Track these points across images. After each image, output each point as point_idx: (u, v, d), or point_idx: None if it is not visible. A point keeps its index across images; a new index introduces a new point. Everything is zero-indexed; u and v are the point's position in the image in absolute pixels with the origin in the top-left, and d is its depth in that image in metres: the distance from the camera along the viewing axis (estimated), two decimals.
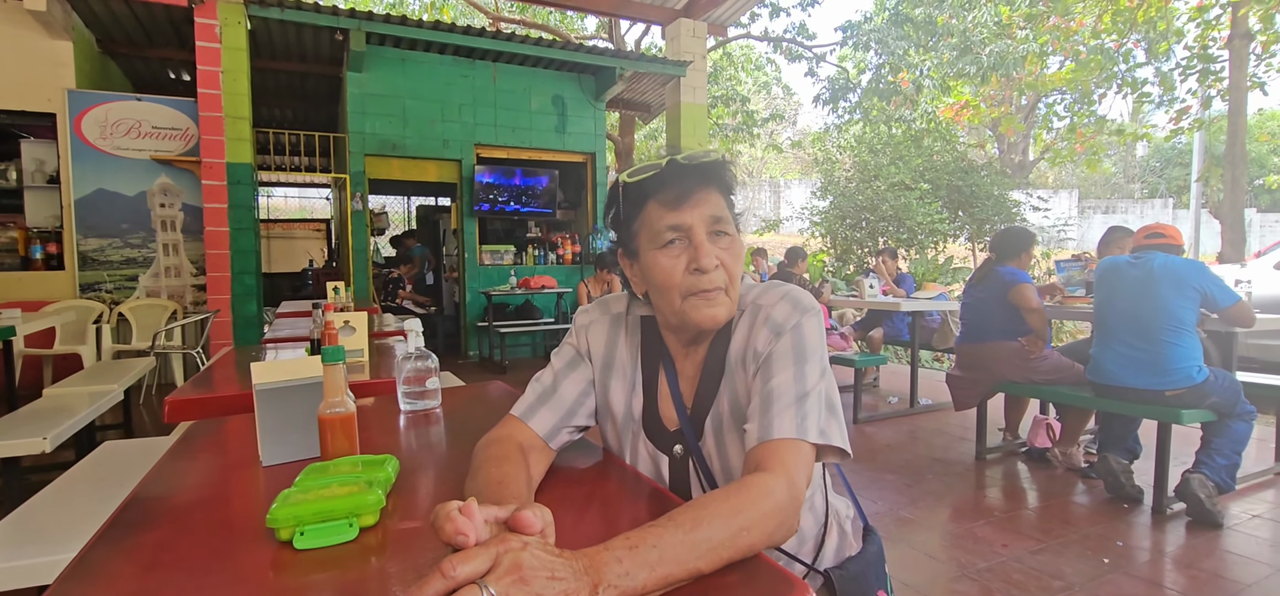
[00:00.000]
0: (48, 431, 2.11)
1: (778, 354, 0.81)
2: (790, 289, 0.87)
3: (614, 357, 0.96)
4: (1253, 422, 2.62)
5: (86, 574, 0.63)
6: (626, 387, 0.95)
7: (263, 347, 2.52)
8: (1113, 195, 21.70)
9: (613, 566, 0.54)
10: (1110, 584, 2.05)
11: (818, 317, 0.86)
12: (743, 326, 0.88)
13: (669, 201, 0.82)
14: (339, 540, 0.69)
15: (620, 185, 0.87)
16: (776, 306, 0.85)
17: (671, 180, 0.82)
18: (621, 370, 0.95)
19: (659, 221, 0.83)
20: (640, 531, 0.58)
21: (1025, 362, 3.10)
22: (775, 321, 0.84)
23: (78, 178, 5.23)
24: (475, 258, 7.02)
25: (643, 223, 0.86)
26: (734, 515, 0.63)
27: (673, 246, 0.83)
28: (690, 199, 0.82)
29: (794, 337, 0.82)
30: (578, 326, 0.99)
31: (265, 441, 0.98)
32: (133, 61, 6.35)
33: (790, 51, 14.95)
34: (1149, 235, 2.81)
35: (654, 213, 0.84)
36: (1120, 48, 11.94)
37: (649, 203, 0.84)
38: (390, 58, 6.38)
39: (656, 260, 0.84)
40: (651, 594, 0.56)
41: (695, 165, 0.83)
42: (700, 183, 0.83)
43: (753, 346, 0.85)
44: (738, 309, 0.89)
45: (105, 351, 4.95)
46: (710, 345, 0.90)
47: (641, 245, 0.87)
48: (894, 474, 3.12)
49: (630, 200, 0.87)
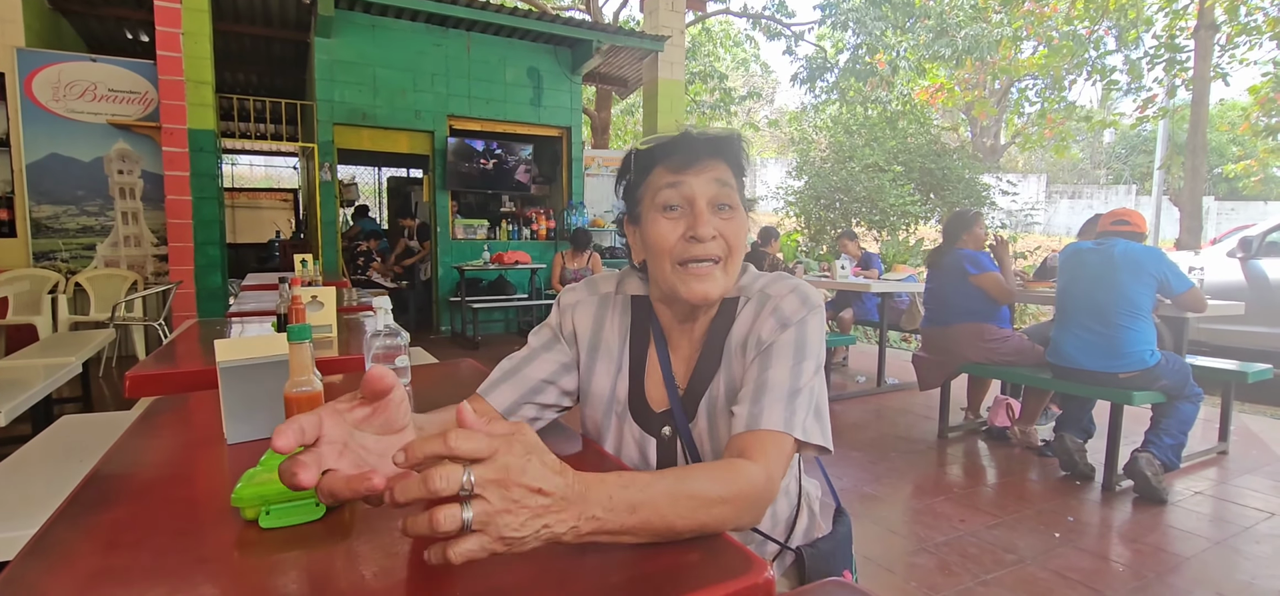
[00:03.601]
0: (2, 405, 2.04)
1: (780, 346, 0.82)
2: (799, 283, 0.88)
3: (600, 339, 0.95)
4: (1199, 404, 2.74)
5: (46, 552, 0.62)
6: (612, 369, 0.94)
7: (227, 321, 2.47)
8: (1079, 181, 22.21)
9: (602, 497, 0.56)
10: (1060, 556, 2.14)
11: (821, 316, 0.87)
12: (748, 312, 0.88)
13: (675, 166, 0.83)
14: (305, 519, 0.68)
15: (633, 153, 0.88)
16: (785, 298, 0.86)
17: (682, 146, 0.84)
18: (608, 351, 0.94)
19: (662, 181, 0.84)
20: (632, 474, 0.61)
21: (987, 344, 3.19)
22: (783, 313, 0.85)
23: (29, 141, 5.01)
24: (448, 231, 6.93)
25: (648, 186, 0.86)
26: (713, 486, 0.65)
27: (673, 211, 0.83)
28: (696, 165, 0.83)
29: (798, 333, 0.83)
30: (563, 306, 0.98)
31: (230, 419, 0.96)
32: (87, 20, 6.08)
33: (769, 29, 14.91)
34: (1114, 222, 2.89)
35: (659, 176, 0.84)
36: (1092, 34, 12.16)
37: (656, 166, 0.85)
38: (360, 23, 6.21)
39: (656, 222, 0.84)
40: (624, 535, 0.58)
41: (707, 136, 0.84)
42: (710, 153, 0.84)
43: (757, 333, 0.85)
44: (744, 297, 0.89)
45: (62, 322, 4.79)
46: (711, 324, 0.90)
47: (645, 208, 0.87)
48: (860, 451, 3.20)
49: (640, 166, 0.88)
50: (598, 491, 0.56)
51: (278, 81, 8.29)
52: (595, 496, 0.56)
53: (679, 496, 0.61)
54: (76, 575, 0.58)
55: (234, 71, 7.87)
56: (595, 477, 0.58)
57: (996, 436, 3.41)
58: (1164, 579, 2.01)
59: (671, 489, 0.61)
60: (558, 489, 0.53)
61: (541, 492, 0.51)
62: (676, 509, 0.61)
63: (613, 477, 0.59)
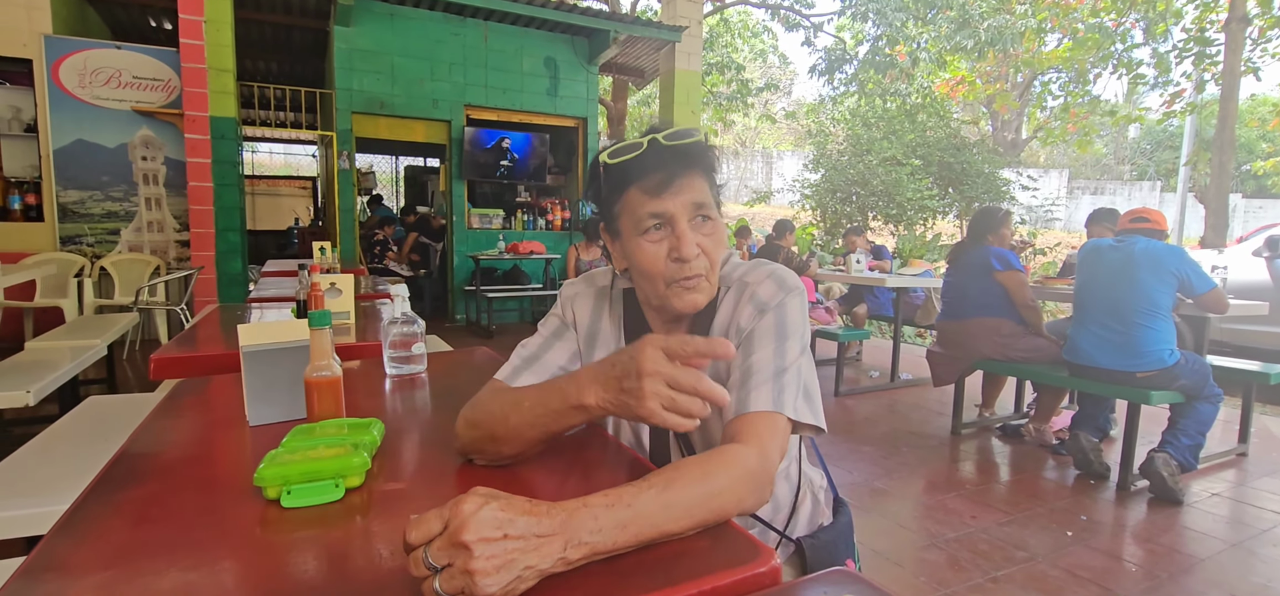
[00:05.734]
0: (31, 384, 2.11)
1: (760, 331, 0.84)
2: (775, 268, 0.89)
3: (598, 329, 0.98)
4: (1219, 405, 2.70)
5: (78, 526, 0.65)
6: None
7: (247, 307, 2.52)
8: (1102, 176, 21.82)
9: (587, 523, 0.56)
10: (1071, 555, 2.13)
11: (801, 297, 0.88)
12: (728, 302, 0.89)
13: (651, 188, 0.82)
14: (325, 500, 0.71)
15: (602, 165, 0.87)
16: (762, 285, 0.87)
17: (653, 165, 0.82)
18: (605, 342, 0.97)
19: (640, 208, 0.83)
20: (617, 490, 0.60)
21: (1003, 340, 3.16)
22: (760, 299, 0.86)
23: (56, 127, 5.11)
24: (464, 221, 6.97)
25: (624, 206, 0.85)
26: (704, 480, 0.65)
27: (654, 233, 0.83)
28: (672, 185, 0.82)
29: (777, 315, 0.84)
30: (564, 298, 1.01)
31: (252, 402, 0.99)
32: (112, 7, 6.17)
33: (788, 20, 14.75)
34: (1134, 219, 2.85)
35: (635, 199, 0.83)
36: (1118, 27, 11.91)
37: (631, 188, 0.84)
38: (378, 12, 6.24)
39: (640, 246, 0.84)
40: (621, 550, 0.58)
41: (677, 149, 0.82)
42: (683, 167, 0.82)
43: (737, 322, 0.87)
44: (724, 286, 0.91)
45: (87, 305, 4.90)
46: (693, 321, 0.92)
47: (624, 228, 0.87)
48: (871, 446, 3.19)
49: (612, 182, 0.86)
50: (581, 517, 0.56)
51: (297, 70, 8.37)
52: (580, 523, 0.55)
53: (670, 503, 0.61)
54: (108, 547, 0.61)
55: (255, 60, 7.96)
56: (578, 503, 0.57)
57: (1010, 434, 3.39)
58: (1177, 579, 1.99)
59: (661, 497, 0.61)
60: (528, 528, 0.53)
61: (508, 537, 0.51)
62: (670, 515, 0.61)
63: (597, 499, 0.58)
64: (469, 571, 0.49)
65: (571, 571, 0.56)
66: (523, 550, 0.52)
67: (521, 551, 0.51)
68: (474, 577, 0.49)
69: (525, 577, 0.52)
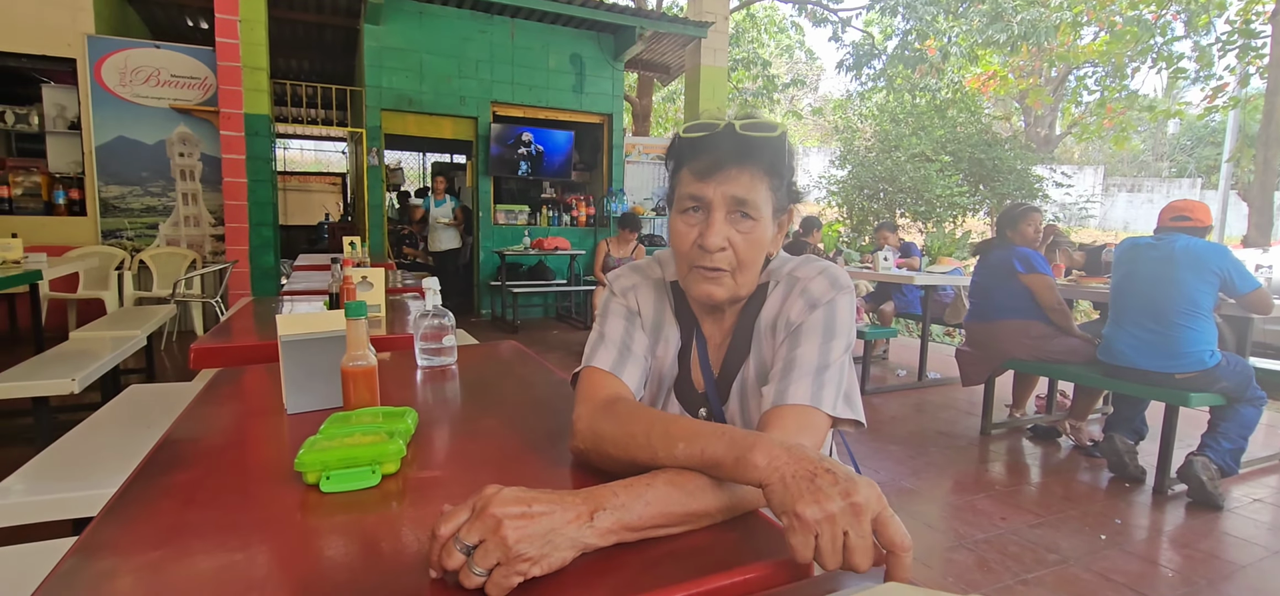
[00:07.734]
0: (76, 373, 2.18)
1: (808, 326, 0.84)
2: (828, 265, 0.89)
3: (661, 318, 0.97)
4: (1262, 408, 2.61)
5: (127, 508, 0.67)
6: (668, 349, 0.96)
7: (281, 299, 2.58)
8: (1139, 173, 21.21)
9: (609, 498, 0.59)
10: (1105, 559, 2.08)
11: (851, 297, 0.87)
12: (777, 295, 0.90)
13: (699, 171, 0.82)
14: (362, 485, 0.73)
15: (675, 138, 0.89)
16: (815, 280, 0.87)
17: (708, 148, 0.82)
18: (666, 331, 0.97)
19: (685, 187, 0.84)
20: (634, 479, 0.63)
21: (1033, 342, 3.09)
22: (812, 294, 0.86)
23: (98, 124, 5.28)
24: (490, 216, 7.04)
25: (678, 182, 0.87)
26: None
27: (690, 214, 0.84)
28: (719, 173, 0.81)
29: (826, 312, 0.84)
30: (622, 290, 0.97)
31: (290, 390, 1.02)
32: (150, 7, 6.34)
33: (815, 15, 14.61)
34: (1174, 217, 2.76)
35: (685, 178, 0.84)
36: (1158, 19, 11.54)
37: (686, 166, 0.85)
38: (408, 10, 6.32)
39: (675, 223, 0.86)
40: (649, 528, 0.61)
41: (743, 138, 0.81)
42: (737, 159, 0.81)
43: (786, 315, 0.87)
44: (773, 280, 0.91)
45: (127, 297, 5.05)
46: (741, 312, 0.92)
47: (673, 203, 0.88)
48: (898, 445, 3.15)
49: (677, 156, 0.88)
50: (602, 492, 0.60)
51: (328, 67, 8.52)
52: (599, 494, 0.59)
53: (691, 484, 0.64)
54: (157, 529, 0.63)
55: (287, 58, 8.12)
56: (599, 486, 0.61)
57: (1042, 435, 3.32)
58: (1216, 586, 1.94)
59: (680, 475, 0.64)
60: (548, 495, 0.56)
61: (534, 507, 0.54)
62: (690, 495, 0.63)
63: (618, 481, 0.62)
64: (502, 539, 0.52)
65: (603, 557, 0.57)
66: (548, 515, 0.54)
67: (547, 516, 0.54)
68: (508, 545, 0.51)
69: (556, 542, 0.54)
